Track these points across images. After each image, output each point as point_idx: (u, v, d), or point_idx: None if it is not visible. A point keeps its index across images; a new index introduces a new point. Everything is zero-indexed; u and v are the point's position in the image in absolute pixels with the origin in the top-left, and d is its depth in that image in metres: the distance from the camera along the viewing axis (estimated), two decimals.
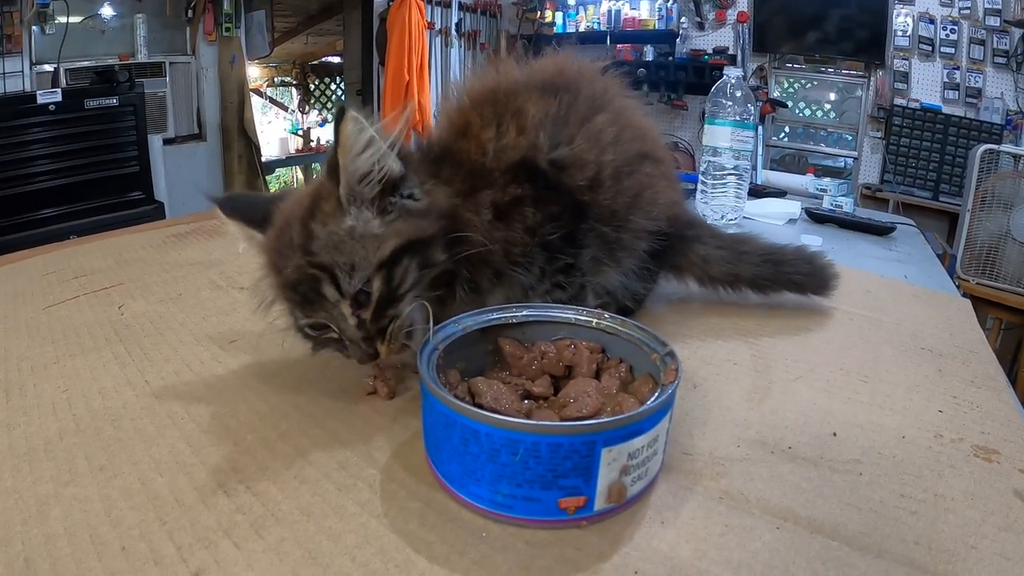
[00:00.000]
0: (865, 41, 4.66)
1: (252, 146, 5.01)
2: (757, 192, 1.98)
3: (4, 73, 3.68)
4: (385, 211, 0.63)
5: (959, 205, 3.63)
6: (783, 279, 0.92)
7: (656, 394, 0.53)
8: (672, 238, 0.86)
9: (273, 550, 0.47)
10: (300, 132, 7.03)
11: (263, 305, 0.68)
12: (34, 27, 3.84)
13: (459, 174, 0.70)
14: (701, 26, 5.24)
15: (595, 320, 0.64)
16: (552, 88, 0.76)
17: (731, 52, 5.14)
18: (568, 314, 0.65)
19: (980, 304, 2.89)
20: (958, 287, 1.51)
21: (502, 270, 0.71)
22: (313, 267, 0.60)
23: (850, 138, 4.98)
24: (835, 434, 0.64)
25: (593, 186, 0.75)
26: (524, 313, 0.65)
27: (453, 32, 5.71)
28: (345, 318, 0.62)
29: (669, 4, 5.33)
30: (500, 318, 0.64)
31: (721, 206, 1.51)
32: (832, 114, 5.07)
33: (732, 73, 1.50)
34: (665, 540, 0.49)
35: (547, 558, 0.47)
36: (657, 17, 5.40)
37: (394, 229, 0.62)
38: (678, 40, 5.31)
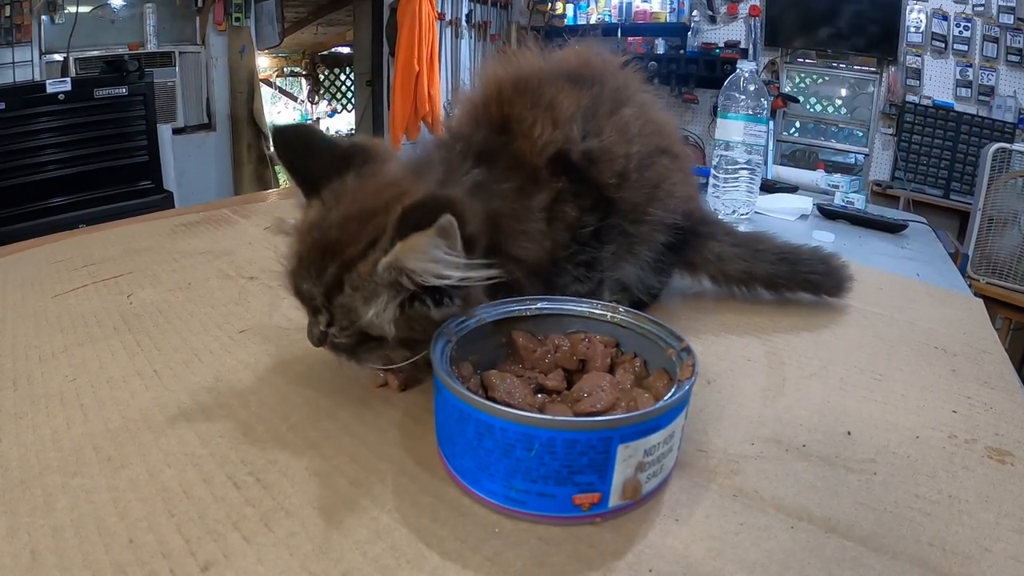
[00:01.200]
0: (877, 37, 4.63)
1: (261, 136, 5.01)
2: (768, 187, 1.97)
3: (14, 63, 3.70)
4: (411, 304, 0.58)
5: (970, 204, 3.61)
6: (798, 279, 0.91)
7: (673, 390, 0.52)
8: (687, 234, 0.85)
9: (283, 544, 0.47)
10: (309, 122, 7.03)
11: (275, 229, 0.66)
12: (43, 17, 3.86)
13: (514, 183, 0.67)
14: (713, 20, 5.21)
15: (610, 314, 0.64)
16: (579, 79, 0.75)
17: (743, 46, 5.11)
18: (582, 307, 0.65)
19: (990, 304, 2.88)
20: (969, 286, 1.51)
21: (541, 275, 0.70)
22: (322, 306, 0.59)
23: (861, 134, 4.96)
24: (849, 433, 0.64)
25: (620, 183, 0.74)
26: (538, 306, 0.65)
27: (463, 23, 5.70)
28: (316, 324, 0.61)
29: None
30: (514, 310, 0.64)
31: (733, 200, 1.50)
32: (843, 110, 5.05)
33: (745, 67, 1.49)
34: (679, 538, 0.49)
35: (560, 555, 0.47)
36: (668, 10, 5.38)
37: (402, 326, 0.58)
38: (689, 33, 5.29)
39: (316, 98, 7.24)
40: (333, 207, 0.61)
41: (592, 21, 5.69)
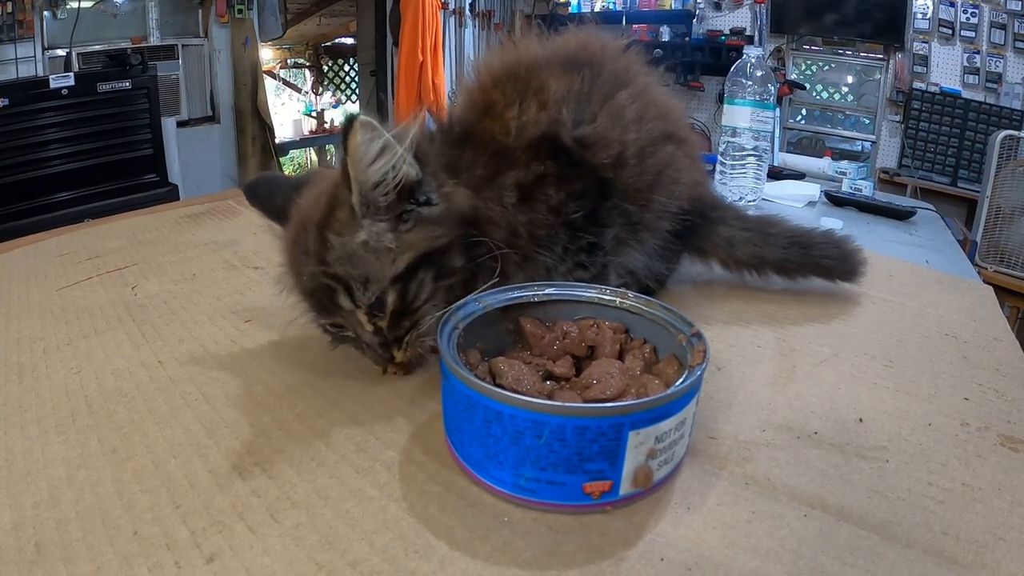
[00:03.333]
0: (884, 23, 4.61)
1: (266, 128, 5.02)
2: (775, 174, 1.96)
3: (17, 58, 3.70)
4: (400, 220, 0.61)
5: (978, 191, 3.59)
6: (811, 263, 0.89)
7: (684, 376, 0.52)
8: (696, 219, 0.84)
9: (289, 534, 0.47)
10: (314, 114, 7.02)
11: (285, 291, 0.68)
12: (46, 12, 3.85)
13: (483, 157, 0.69)
14: (718, 6, 5.19)
15: (619, 300, 0.63)
16: (575, 64, 0.75)
17: (748, 33, 5.09)
18: (591, 293, 0.64)
19: (997, 292, 2.87)
20: (977, 274, 1.51)
21: (528, 253, 0.70)
22: (328, 277, 0.61)
23: (868, 121, 4.93)
24: (861, 420, 0.63)
25: (617, 164, 0.73)
26: (546, 292, 0.64)
27: (467, 12, 5.69)
28: (361, 325, 0.62)
29: None
30: (521, 296, 0.63)
31: (740, 187, 1.50)
32: (850, 97, 5.02)
33: (752, 52, 1.48)
34: (691, 526, 0.48)
35: (571, 544, 0.46)
36: None
37: (408, 242, 0.60)
38: (695, 20, 5.27)
39: (320, 89, 7.22)
40: (295, 214, 0.66)
41: (596, 9, 5.68)
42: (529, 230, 0.69)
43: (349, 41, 7.00)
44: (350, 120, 0.56)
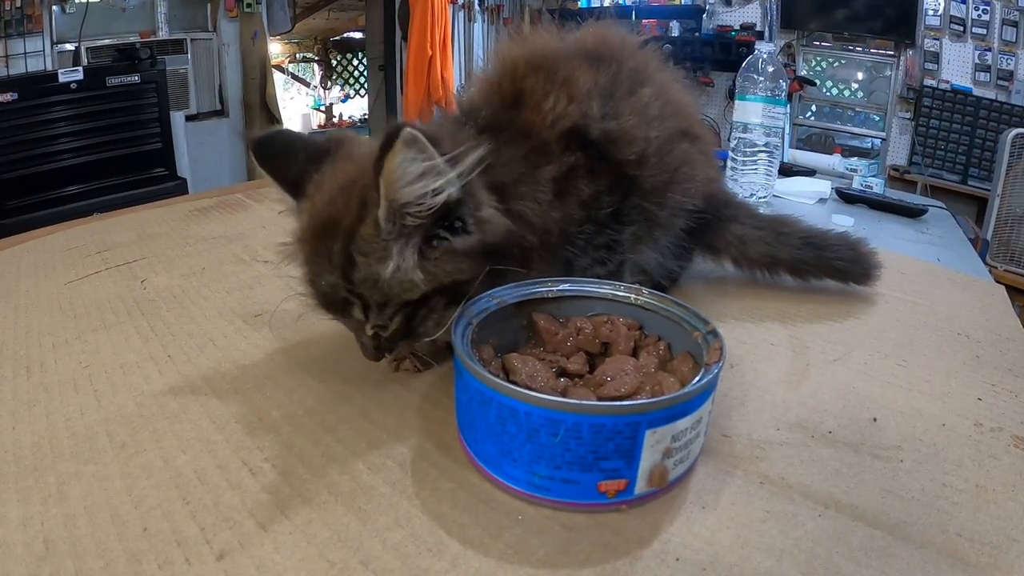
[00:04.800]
0: (895, 19, 4.57)
1: (274, 122, 5.01)
2: (786, 171, 1.95)
3: (26, 53, 3.71)
4: (429, 244, 0.57)
5: (988, 190, 3.57)
6: (824, 264, 0.89)
7: (700, 374, 0.51)
8: (708, 216, 0.83)
9: (300, 531, 0.46)
10: (322, 108, 7.04)
11: (285, 261, 0.65)
12: (54, 7, 3.86)
13: (522, 151, 0.67)
14: (728, 2, 5.17)
15: (633, 296, 0.63)
16: (597, 58, 0.74)
17: (758, 28, 5.07)
18: (605, 289, 0.64)
19: (1008, 292, 2.86)
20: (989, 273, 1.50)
21: (556, 250, 0.69)
22: (349, 293, 0.58)
23: (878, 118, 4.91)
24: (875, 419, 0.63)
25: (640, 161, 0.73)
26: (560, 288, 0.63)
27: (476, 7, 5.67)
28: (364, 331, 0.61)
29: None
30: (535, 292, 0.63)
31: (751, 183, 1.49)
32: (860, 94, 4.99)
33: (764, 48, 1.47)
34: (706, 525, 0.48)
35: (585, 543, 0.46)
36: None
37: (431, 273, 0.57)
38: (704, 16, 5.24)
39: (328, 84, 7.23)
40: (316, 195, 0.61)
41: (606, 3, 5.66)
42: (561, 227, 0.68)
43: (358, 35, 7.00)
44: (393, 134, 0.51)
